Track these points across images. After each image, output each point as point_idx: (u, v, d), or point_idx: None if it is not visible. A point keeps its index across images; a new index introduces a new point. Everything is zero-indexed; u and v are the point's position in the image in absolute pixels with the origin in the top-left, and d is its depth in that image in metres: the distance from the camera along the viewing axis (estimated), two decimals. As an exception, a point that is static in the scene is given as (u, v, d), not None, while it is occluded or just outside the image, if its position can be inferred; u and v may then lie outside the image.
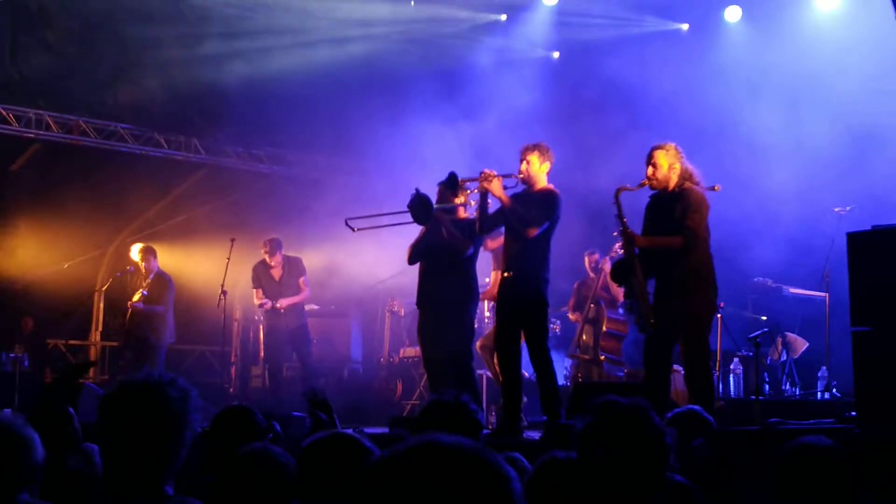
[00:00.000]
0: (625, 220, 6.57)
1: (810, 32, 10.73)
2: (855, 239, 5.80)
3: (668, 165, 6.57)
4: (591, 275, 10.39)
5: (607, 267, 9.89)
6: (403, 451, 1.22)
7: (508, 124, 10.75)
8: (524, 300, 6.99)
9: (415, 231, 7.80)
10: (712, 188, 6.79)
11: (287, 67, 11.76)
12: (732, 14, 11.31)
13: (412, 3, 11.99)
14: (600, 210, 8.82)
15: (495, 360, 7.99)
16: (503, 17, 12.40)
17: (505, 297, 7.12)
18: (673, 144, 6.67)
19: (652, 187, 6.67)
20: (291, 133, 12.94)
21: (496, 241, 8.24)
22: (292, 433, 5.56)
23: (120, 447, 2.48)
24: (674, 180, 6.59)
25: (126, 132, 12.54)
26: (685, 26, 11.81)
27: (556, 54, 12.72)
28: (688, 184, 6.57)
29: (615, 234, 9.36)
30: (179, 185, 13.48)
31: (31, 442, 2.82)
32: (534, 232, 6.90)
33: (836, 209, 8.98)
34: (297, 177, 13.62)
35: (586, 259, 10.48)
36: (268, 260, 10.56)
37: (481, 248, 7.96)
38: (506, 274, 7.13)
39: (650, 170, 6.61)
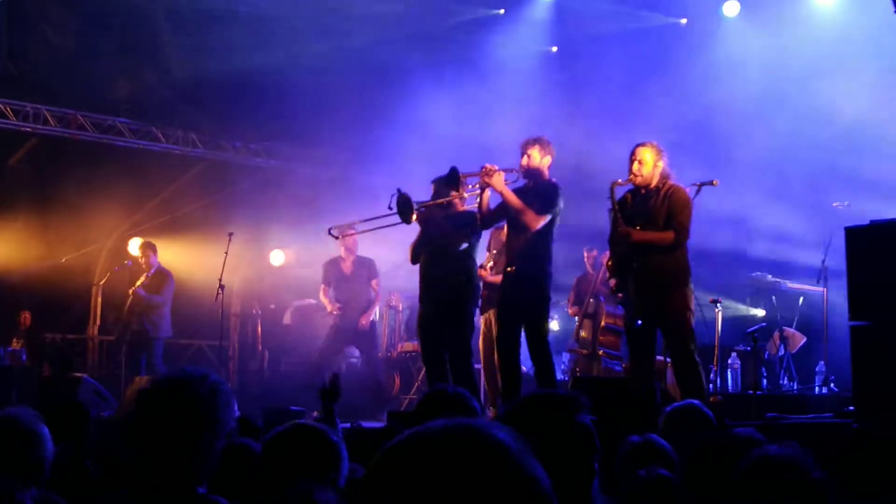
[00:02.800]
0: (619, 214, 6.61)
1: (808, 27, 10.72)
2: (853, 233, 5.81)
3: (653, 163, 6.64)
4: (591, 271, 10.39)
5: (605, 260, 9.90)
6: (424, 433, 1.18)
7: (507, 118, 10.74)
8: (526, 295, 6.99)
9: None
10: (711, 182, 6.82)
11: (284, 61, 11.73)
12: (731, 8, 11.29)
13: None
14: (600, 203, 8.80)
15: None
16: (501, 11, 12.39)
17: (507, 292, 7.11)
18: (654, 142, 6.74)
19: (636, 184, 6.72)
20: (289, 127, 12.93)
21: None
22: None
23: (152, 444, 2.40)
24: (656, 177, 6.66)
25: (124, 126, 12.52)
26: (683, 21, 11.80)
27: (554, 48, 12.72)
28: (670, 182, 6.64)
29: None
30: (177, 179, 13.45)
31: (40, 437, 2.81)
32: (536, 224, 6.91)
33: (835, 204, 8.98)
34: (295, 171, 13.61)
35: (585, 255, 10.48)
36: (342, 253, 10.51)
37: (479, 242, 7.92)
38: (508, 269, 7.14)
39: (636, 166, 6.67)
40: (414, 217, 7.37)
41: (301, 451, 2.73)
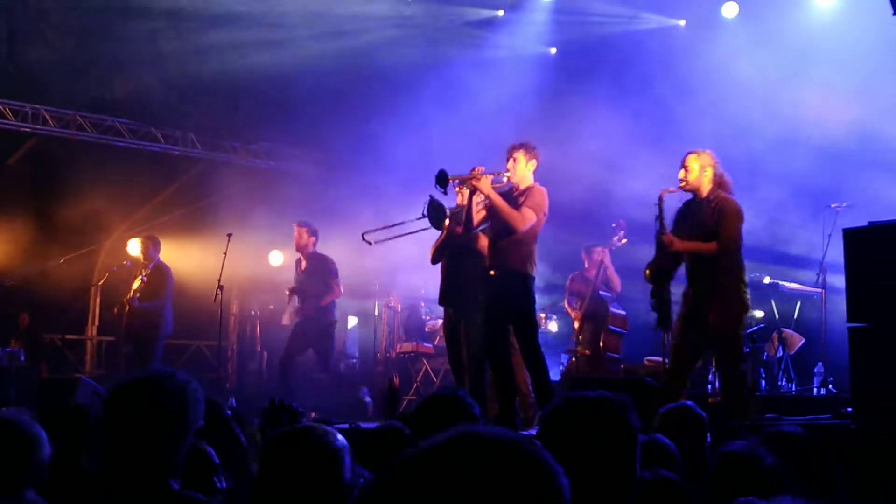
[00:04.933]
0: (664, 222, 6.66)
1: (808, 28, 10.72)
2: (852, 235, 5.81)
3: (700, 169, 6.64)
4: (587, 266, 10.34)
5: (607, 259, 9.88)
6: (443, 443, 1.16)
7: (505, 120, 10.74)
8: (512, 297, 6.99)
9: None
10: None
11: (284, 63, 11.74)
12: (729, 10, 11.29)
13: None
14: (594, 205, 8.82)
15: None
16: (500, 12, 12.39)
17: (492, 295, 7.10)
18: (708, 151, 6.75)
19: (683, 190, 6.74)
20: (288, 128, 12.94)
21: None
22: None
23: (123, 444, 2.46)
24: (706, 186, 6.66)
25: (123, 127, 12.52)
26: (682, 22, 11.81)
27: (553, 50, 12.72)
28: (722, 193, 6.64)
29: (613, 225, 9.44)
30: (176, 180, 13.46)
31: (37, 440, 2.82)
32: (522, 228, 6.92)
33: (833, 205, 8.98)
34: (294, 172, 13.61)
35: (596, 253, 10.39)
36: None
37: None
38: (491, 272, 7.12)
39: (682, 173, 6.70)
40: (446, 222, 7.50)
41: (299, 455, 2.65)
